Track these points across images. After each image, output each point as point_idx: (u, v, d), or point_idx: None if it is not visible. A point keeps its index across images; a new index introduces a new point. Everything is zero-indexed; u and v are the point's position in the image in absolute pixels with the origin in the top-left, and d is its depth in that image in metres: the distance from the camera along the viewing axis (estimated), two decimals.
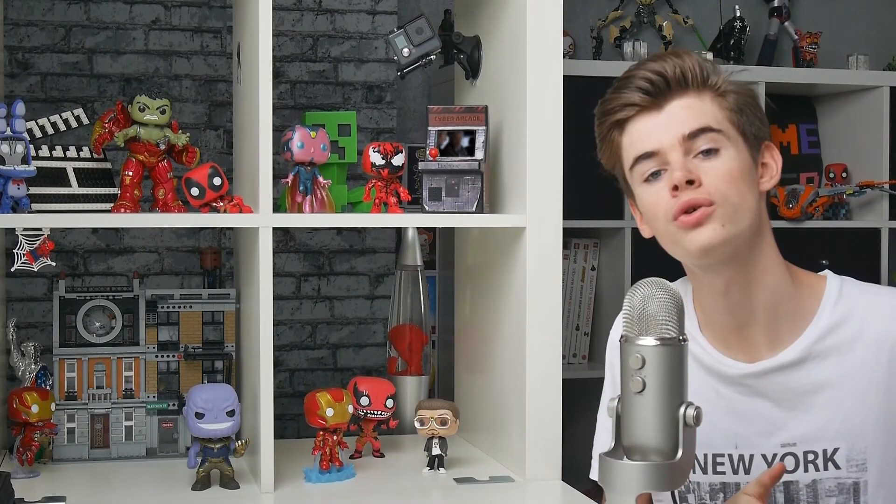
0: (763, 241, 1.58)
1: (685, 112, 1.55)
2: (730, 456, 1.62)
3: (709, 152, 1.53)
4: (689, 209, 1.51)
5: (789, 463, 1.59)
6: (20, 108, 1.81)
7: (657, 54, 1.62)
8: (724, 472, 1.63)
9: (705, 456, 1.63)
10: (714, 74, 1.57)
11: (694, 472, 1.64)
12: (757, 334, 1.60)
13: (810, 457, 1.58)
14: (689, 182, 1.51)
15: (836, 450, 1.57)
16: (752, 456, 1.61)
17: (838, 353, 1.57)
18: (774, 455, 1.59)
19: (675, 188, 1.52)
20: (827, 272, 1.65)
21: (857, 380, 1.56)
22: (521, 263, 1.95)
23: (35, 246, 1.78)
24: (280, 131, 1.93)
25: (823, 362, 1.58)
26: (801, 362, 1.58)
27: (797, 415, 1.58)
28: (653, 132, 1.56)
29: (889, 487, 1.57)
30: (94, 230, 3.45)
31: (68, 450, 2.04)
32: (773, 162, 1.61)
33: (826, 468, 1.57)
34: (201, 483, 1.85)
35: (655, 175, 1.56)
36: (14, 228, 1.78)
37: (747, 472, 1.61)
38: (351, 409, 1.95)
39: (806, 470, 1.58)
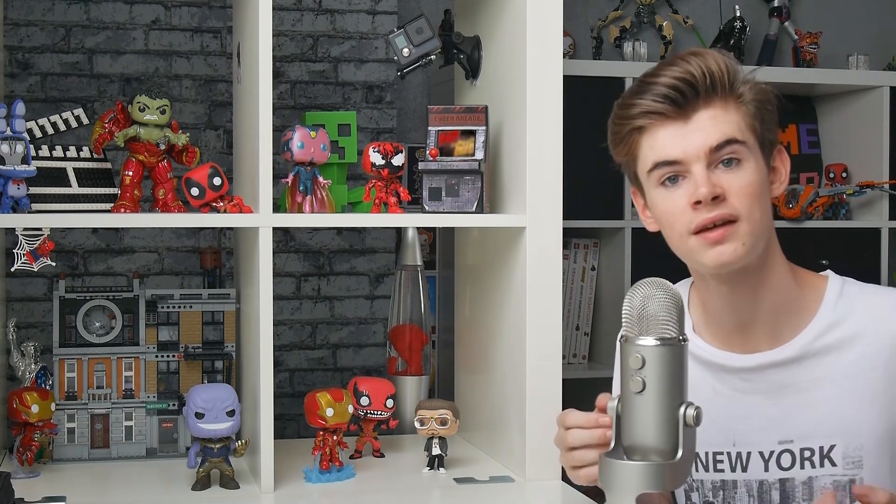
0: (770, 245, 1.58)
1: (711, 122, 1.52)
2: (728, 454, 1.63)
3: (730, 162, 1.52)
4: (711, 224, 1.51)
5: (786, 460, 1.60)
6: (20, 108, 1.81)
7: (678, 56, 1.57)
8: (723, 470, 1.64)
9: (706, 454, 1.64)
10: (738, 79, 1.55)
11: (697, 471, 1.65)
12: (758, 331, 1.60)
13: (806, 454, 1.59)
14: (714, 197, 1.50)
15: (832, 447, 1.57)
16: (749, 453, 1.62)
17: (837, 351, 1.58)
18: (772, 452, 1.60)
19: (698, 203, 1.51)
20: (829, 272, 1.66)
21: (854, 378, 1.57)
22: (521, 263, 1.95)
23: (35, 246, 1.78)
24: (280, 131, 1.93)
25: (822, 360, 1.58)
26: (799, 359, 1.59)
27: (794, 412, 1.59)
28: (677, 140, 1.53)
29: (884, 485, 1.57)
30: (94, 230, 3.45)
31: (68, 450, 2.04)
32: (783, 167, 1.62)
33: (822, 465, 1.58)
34: (201, 483, 1.85)
35: (673, 180, 1.55)
36: (14, 228, 1.78)
37: (745, 469, 1.62)
38: (351, 409, 1.95)
39: (802, 467, 1.59)
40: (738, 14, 3.69)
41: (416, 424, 1.99)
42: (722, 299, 1.61)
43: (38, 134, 1.92)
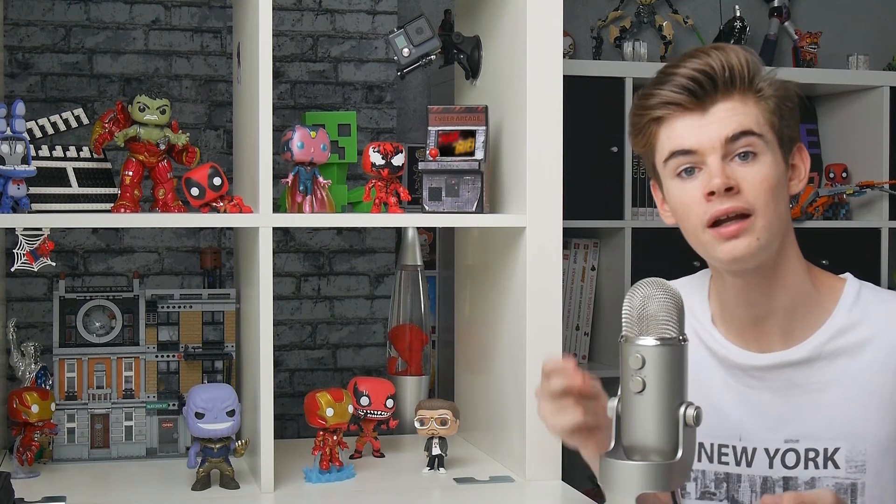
0: (787, 244, 1.59)
1: (728, 114, 1.53)
2: (734, 447, 1.63)
3: (746, 155, 1.53)
4: (725, 217, 1.51)
5: (790, 459, 1.60)
6: (20, 108, 1.81)
7: (700, 48, 1.58)
8: (727, 463, 1.64)
9: (711, 445, 1.64)
10: (758, 75, 1.55)
11: (700, 461, 1.65)
12: (772, 329, 1.61)
13: (811, 454, 1.59)
14: (728, 189, 1.51)
15: (836, 449, 1.57)
16: (754, 449, 1.62)
17: (848, 355, 1.58)
18: (777, 450, 1.60)
19: (712, 194, 1.51)
20: (848, 275, 1.66)
21: (863, 382, 1.57)
22: (521, 263, 1.95)
23: (35, 246, 1.78)
24: (280, 131, 1.93)
25: (833, 362, 1.58)
26: (811, 360, 1.59)
27: (802, 412, 1.59)
28: (693, 131, 1.54)
29: (886, 491, 1.57)
30: (94, 230, 3.45)
31: (68, 450, 2.04)
32: (802, 165, 1.62)
33: (826, 467, 1.58)
34: (201, 483, 1.85)
35: (689, 171, 1.55)
36: (14, 228, 1.78)
37: (749, 464, 1.62)
38: (351, 409, 1.95)
39: (806, 467, 1.59)
40: (738, 14, 3.69)
41: (416, 424, 1.99)
42: (736, 293, 1.61)
43: (38, 134, 1.92)
